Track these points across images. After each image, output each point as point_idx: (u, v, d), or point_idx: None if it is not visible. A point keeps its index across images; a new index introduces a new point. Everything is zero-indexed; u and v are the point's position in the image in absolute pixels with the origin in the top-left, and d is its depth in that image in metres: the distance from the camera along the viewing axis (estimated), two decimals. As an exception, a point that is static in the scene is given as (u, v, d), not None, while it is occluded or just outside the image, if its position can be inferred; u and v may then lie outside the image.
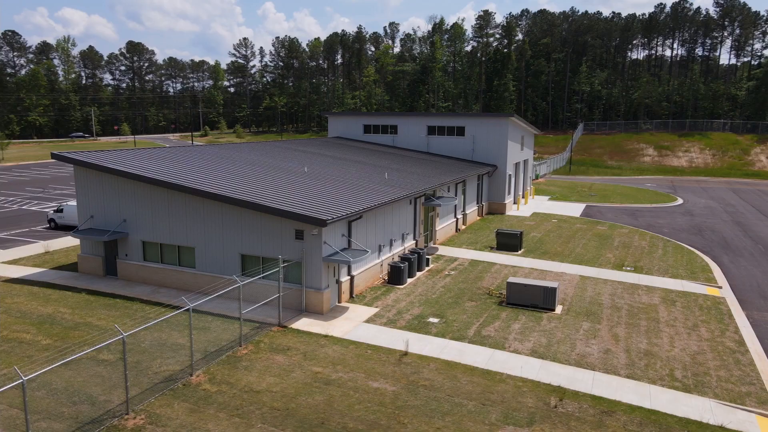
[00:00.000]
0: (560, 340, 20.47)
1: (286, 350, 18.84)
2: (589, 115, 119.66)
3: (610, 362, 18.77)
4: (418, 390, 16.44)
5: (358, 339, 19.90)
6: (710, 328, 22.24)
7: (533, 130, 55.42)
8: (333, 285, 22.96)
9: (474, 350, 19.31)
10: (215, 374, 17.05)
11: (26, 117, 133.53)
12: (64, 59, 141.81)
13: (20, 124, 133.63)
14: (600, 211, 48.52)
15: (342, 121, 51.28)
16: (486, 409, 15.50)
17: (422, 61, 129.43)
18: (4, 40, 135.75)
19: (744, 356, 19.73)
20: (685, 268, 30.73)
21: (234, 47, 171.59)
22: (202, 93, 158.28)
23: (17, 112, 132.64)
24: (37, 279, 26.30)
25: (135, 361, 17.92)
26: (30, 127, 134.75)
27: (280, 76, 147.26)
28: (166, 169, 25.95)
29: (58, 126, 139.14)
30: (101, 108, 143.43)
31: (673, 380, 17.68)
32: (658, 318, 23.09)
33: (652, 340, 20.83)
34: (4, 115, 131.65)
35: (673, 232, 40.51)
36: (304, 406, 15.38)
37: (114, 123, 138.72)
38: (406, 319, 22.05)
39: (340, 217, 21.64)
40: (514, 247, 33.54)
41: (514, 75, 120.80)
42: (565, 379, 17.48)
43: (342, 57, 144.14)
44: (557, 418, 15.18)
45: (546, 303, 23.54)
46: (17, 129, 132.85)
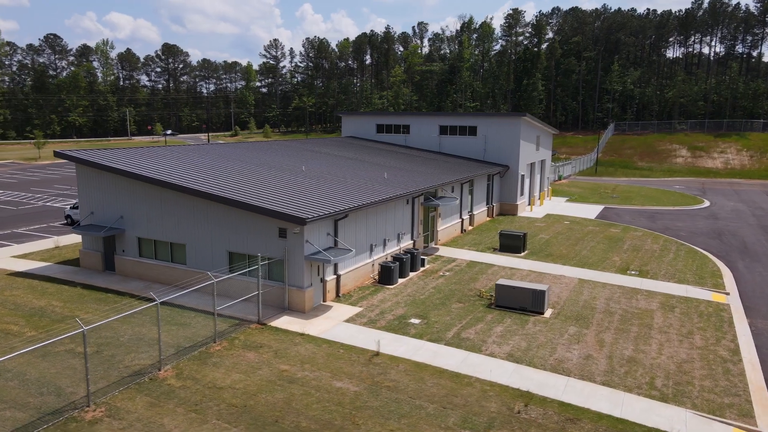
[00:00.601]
0: (541, 344, 19.95)
1: (259, 347, 18.93)
2: (621, 115, 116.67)
3: (588, 368, 18.18)
4: (381, 391, 16.27)
5: (333, 338, 19.84)
6: (706, 335, 21.32)
7: (551, 130, 54.33)
8: (317, 284, 22.97)
9: (449, 352, 19.00)
10: (183, 370, 17.25)
11: (67, 117, 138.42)
12: (103, 61, 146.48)
13: (61, 125, 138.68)
14: (617, 214, 47.18)
15: (355, 121, 51.34)
16: (446, 413, 15.21)
17: (450, 61, 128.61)
18: (46, 43, 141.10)
19: (735, 366, 18.83)
20: (693, 273, 29.57)
21: (264, 48, 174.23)
22: (234, 93, 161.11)
23: (58, 113, 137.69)
24: (39, 273, 27.18)
25: (110, 354, 18.29)
26: (70, 127, 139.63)
27: (309, 76, 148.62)
28: (163, 168, 26.45)
29: (96, 126, 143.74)
30: (137, 108, 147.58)
31: (652, 389, 17.00)
32: (651, 324, 22.27)
33: (639, 346, 20.09)
34: (46, 116, 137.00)
35: (690, 236, 39.05)
36: (263, 403, 15.41)
37: (148, 123, 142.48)
38: (388, 319, 21.87)
39: (321, 216, 21.62)
40: (517, 249, 32.92)
41: (543, 74, 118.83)
42: (536, 384, 17.01)
43: (371, 57, 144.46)
44: (517, 424, 14.77)
45: (535, 306, 22.99)
46: (58, 129, 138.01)
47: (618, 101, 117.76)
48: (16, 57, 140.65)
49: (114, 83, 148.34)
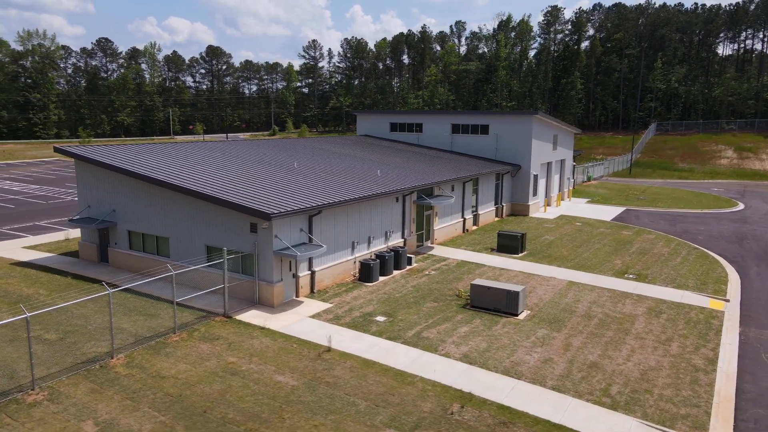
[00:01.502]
0: (503, 346, 19.41)
1: (215, 339, 19.22)
2: (665, 115, 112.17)
3: (542, 372, 17.57)
4: (319, 386, 16.21)
5: (292, 333, 19.92)
6: (685, 343, 20.23)
7: (572, 130, 52.79)
8: (289, 279, 23.11)
9: (402, 351, 18.75)
10: (135, 358, 17.69)
11: (116, 117, 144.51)
12: (150, 64, 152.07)
13: (110, 124, 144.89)
14: (637, 216, 45.39)
15: (370, 120, 51.40)
16: (376, 411, 15.01)
17: (488, 60, 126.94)
18: (98, 47, 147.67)
19: (707, 376, 17.80)
20: (697, 279, 28.12)
21: (304, 49, 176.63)
22: (274, 94, 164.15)
23: (108, 113, 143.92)
24: (40, 263, 28.47)
25: (73, 341, 18.96)
26: (118, 126, 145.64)
27: (346, 77, 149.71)
28: (156, 164, 27.23)
29: (144, 126, 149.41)
30: (181, 109, 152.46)
31: (605, 396, 16.26)
32: (629, 329, 21.32)
33: (607, 352, 19.27)
34: (97, 116, 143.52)
35: (708, 240, 37.16)
36: (198, 394, 15.63)
37: (191, 123, 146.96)
38: (354, 316, 21.78)
39: (289, 212, 21.73)
40: (514, 250, 32.17)
41: (582, 73, 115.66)
42: (481, 386, 16.56)
43: (408, 57, 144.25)
44: (446, 426, 14.42)
45: (509, 307, 22.40)
46: (108, 129, 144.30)
47: (661, 100, 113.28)
48: (71, 60, 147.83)
49: (160, 84, 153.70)
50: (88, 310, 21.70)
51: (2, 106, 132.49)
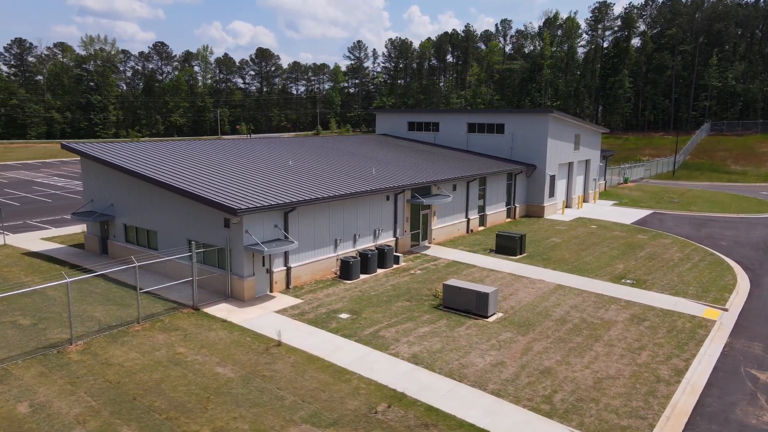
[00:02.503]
0: (458, 347, 18.97)
1: (174, 330, 19.73)
2: (721, 114, 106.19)
3: (488, 375, 17.05)
4: (254, 380, 16.37)
5: (251, 326, 20.19)
6: (657, 352, 19.15)
7: (597, 129, 50.83)
8: (262, 274, 23.43)
9: (352, 348, 18.65)
10: (92, 346, 18.41)
11: (169, 118, 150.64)
12: (202, 66, 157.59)
13: (164, 124, 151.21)
14: (661, 219, 43.23)
15: (388, 119, 51.33)
16: (301, 406, 15.01)
17: (533, 59, 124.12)
18: (154, 50, 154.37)
19: (668, 388, 16.79)
20: (700, 286, 26.54)
21: (349, 50, 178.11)
22: (321, 94, 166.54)
23: (162, 114, 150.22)
24: (47, 253, 30.07)
25: (44, 327, 19.93)
26: (172, 126, 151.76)
27: (391, 77, 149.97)
28: (152, 162, 28.22)
29: (195, 126, 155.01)
30: (231, 109, 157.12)
31: (545, 402, 15.62)
32: (601, 336, 20.38)
33: (568, 358, 18.49)
34: (152, 116, 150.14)
35: (730, 246, 34.96)
36: (136, 382, 16.10)
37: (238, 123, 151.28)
38: (319, 312, 21.83)
39: (258, 208, 22.01)
40: (512, 251, 31.35)
41: (631, 71, 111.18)
42: (419, 386, 16.25)
43: (452, 56, 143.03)
44: (365, 424, 14.25)
45: (479, 309, 21.87)
46: (162, 129, 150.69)
47: (717, 99, 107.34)
48: (130, 63, 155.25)
49: (212, 86, 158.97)
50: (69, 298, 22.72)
51: (66, 107, 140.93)
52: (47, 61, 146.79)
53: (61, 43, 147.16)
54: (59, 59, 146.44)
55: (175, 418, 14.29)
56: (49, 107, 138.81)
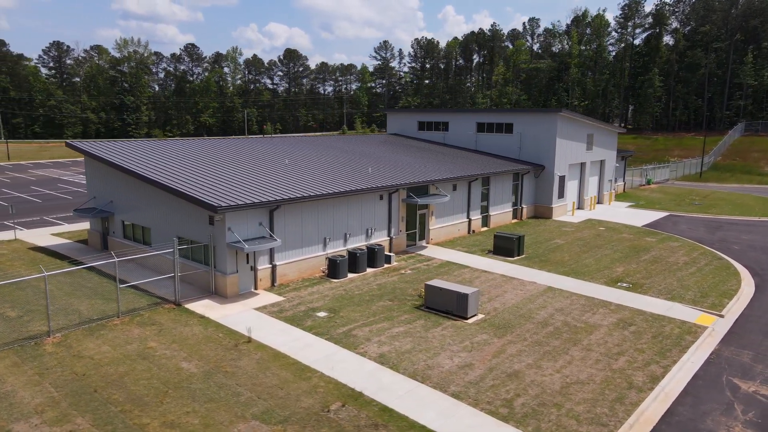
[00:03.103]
0: (428, 348, 18.74)
1: (150, 325, 20.06)
2: (756, 114, 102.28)
3: (452, 377, 16.79)
4: (216, 375, 16.50)
5: (226, 323, 20.37)
6: (636, 358, 18.54)
7: (612, 129, 49.53)
8: (246, 271, 23.62)
9: (321, 346, 18.62)
10: (69, 339, 18.87)
11: (199, 118, 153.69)
12: (232, 67, 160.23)
13: (194, 124, 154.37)
14: (676, 222, 41.89)
15: (399, 119, 51.17)
16: (255, 402, 15.06)
17: (561, 57, 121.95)
18: (185, 52, 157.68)
19: (638, 395, 16.23)
20: (699, 291, 25.60)
21: (375, 50, 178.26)
22: (348, 94, 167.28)
23: (192, 114, 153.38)
24: (52, 248, 30.99)
25: (28, 319, 20.53)
26: (201, 126, 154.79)
27: (417, 77, 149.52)
28: (149, 160, 28.79)
29: (224, 125, 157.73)
30: (259, 110, 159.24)
31: (504, 406, 15.29)
32: (581, 340, 19.85)
33: (540, 361, 18.07)
34: (182, 116, 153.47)
35: (743, 250, 33.65)
36: (101, 374, 16.42)
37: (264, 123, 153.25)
38: (298, 310, 21.88)
39: (240, 206, 22.19)
40: (510, 252, 30.85)
41: (662, 69, 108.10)
42: (378, 386, 16.12)
43: (479, 56, 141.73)
44: (314, 423, 14.20)
45: (459, 310, 21.57)
46: (192, 128, 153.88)
47: (753, 98, 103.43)
48: (162, 65, 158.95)
49: (241, 87, 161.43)
50: (60, 291, 23.38)
51: (101, 108, 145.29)
52: (84, 64, 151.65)
53: (98, 46, 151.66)
54: (95, 61, 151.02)
55: (129, 411, 14.52)
56: (84, 108, 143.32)
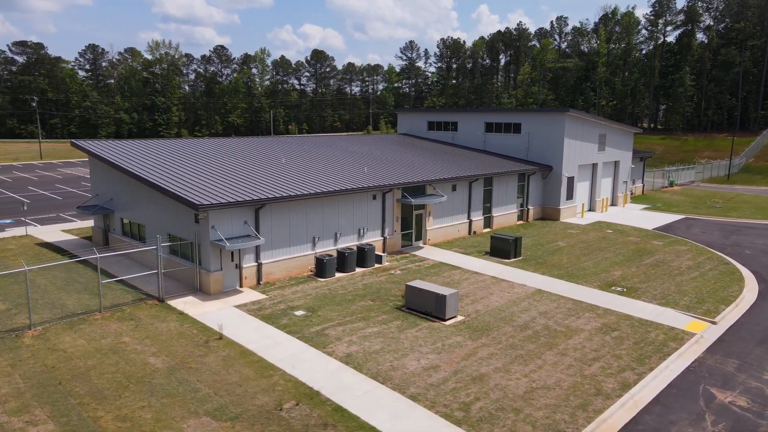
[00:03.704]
0: (398, 349, 18.60)
1: (129, 320, 20.46)
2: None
3: (414, 379, 16.61)
4: (180, 371, 16.72)
5: (203, 320, 20.61)
6: (612, 364, 18.02)
7: (628, 129, 48.24)
8: (231, 269, 23.88)
9: (291, 345, 18.68)
10: (48, 332, 19.39)
11: (227, 118, 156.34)
12: (260, 68, 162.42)
13: (223, 125, 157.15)
14: (689, 225, 40.57)
15: (409, 119, 50.98)
16: (211, 399, 15.20)
17: (589, 56, 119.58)
18: (215, 54, 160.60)
19: (605, 402, 15.77)
20: (696, 296, 24.73)
21: (401, 50, 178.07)
22: (373, 95, 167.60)
23: (221, 114, 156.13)
24: (57, 244, 31.92)
25: (16, 312, 21.16)
26: (230, 126, 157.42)
27: (442, 77, 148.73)
28: (146, 159, 29.39)
29: (252, 126, 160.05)
30: (286, 110, 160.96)
31: (461, 410, 15.05)
32: (557, 344, 19.41)
33: (510, 365, 17.73)
34: (211, 117, 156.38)
35: (754, 255, 32.38)
36: (69, 367, 16.82)
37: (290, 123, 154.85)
38: (278, 309, 22.00)
39: (223, 204, 22.44)
40: (506, 254, 30.39)
41: (693, 68, 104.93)
42: (337, 386, 16.07)
43: (505, 55, 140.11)
44: (263, 421, 14.25)
45: (437, 311, 21.36)
46: (220, 129, 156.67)
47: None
48: (192, 66, 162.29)
49: (268, 87, 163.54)
50: (53, 286, 24.07)
51: (134, 109, 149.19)
52: (118, 66, 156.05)
53: (131, 48, 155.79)
54: (129, 63, 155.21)
55: (87, 404, 14.83)
56: (118, 109, 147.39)
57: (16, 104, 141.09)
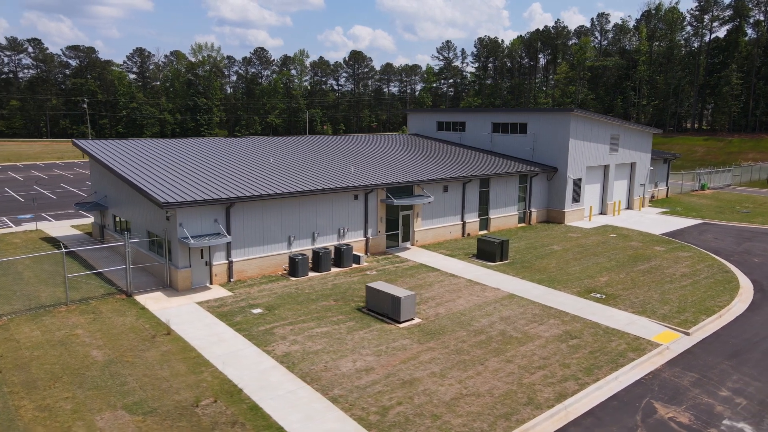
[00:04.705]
0: (337, 350, 18.46)
1: (90, 314, 21.11)
2: None
3: (341, 381, 16.45)
4: (116, 364, 17.12)
5: (160, 315, 21.04)
6: (556, 373, 17.33)
7: (645, 129, 46.26)
8: (200, 266, 24.29)
9: (234, 342, 18.84)
10: (12, 322, 20.22)
11: (266, 119, 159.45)
12: (299, 70, 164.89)
13: (261, 125, 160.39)
14: (703, 231, 38.58)
15: (419, 119, 50.59)
16: (134, 393, 15.49)
17: (630, 54, 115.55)
18: (255, 56, 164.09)
19: (533, 412, 15.20)
20: (679, 306, 23.50)
21: (437, 50, 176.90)
22: (411, 95, 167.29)
23: (260, 115, 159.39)
24: (59, 238, 33.31)
25: (-9, 303, 22.27)
26: (268, 127, 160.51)
27: (478, 77, 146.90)
28: (136, 158, 30.30)
29: (290, 126, 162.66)
30: (324, 110, 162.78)
31: (377, 413, 14.80)
32: (507, 351, 18.82)
33: (448, 371, 17.32)
34: (250, 117, 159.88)
35: (764, 263, 30.59)
36: (15, 357, 17.49)
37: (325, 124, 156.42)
38: (238, 306, 22.23)
39: (188, 202, 22.85)
40: (492, 257, 29.73)
41: (741, 65, 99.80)
42: (261, 384, 16.10)
43: (543, 54, 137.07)
44: (175, 416, 14.41)
45: (393, 313, 21.09)
46: (259, 129, 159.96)
47: None
48: (234, 68, 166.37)
49: (306, 88, 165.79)
50: (36, 279, 25.14)
51: (177, 110, 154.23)
52: (164, 68, 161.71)
53: (176, 51, 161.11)
54: (174, 66, 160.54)
55: (16, 393, 15.39)
56: (162, 110, 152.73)
57: (69, 106, 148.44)
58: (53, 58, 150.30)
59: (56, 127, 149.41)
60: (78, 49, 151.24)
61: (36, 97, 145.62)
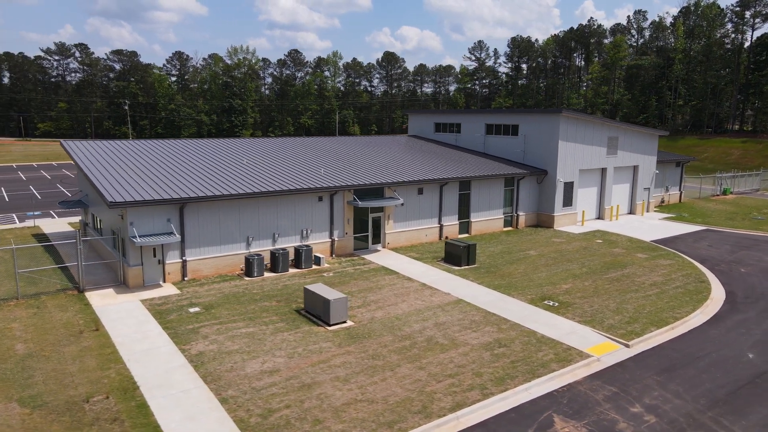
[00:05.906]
0: (252, 351, 18.53)
1: (35, 308, 21.89)
2: None
3: (240, 381, 16.49)
4: (33, 358, 17.70)
5: (98, 312, 21.59)
6: (464, 382, 16.88)
7: (649, 131, 44.34)
8: (153, 264, 24.85)
9: (155, 340, 19.17)
10: (-40, 314, 21.27)
11: (299, 120, 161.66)
12: (332, 71, 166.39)
13: (294, 125, 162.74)
14: (700, 238, 36.73)
15: (419, 120, 50.19)
16: (37, 387, 15.97)
17: (666, 52, 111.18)
18: (289, 58, 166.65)
19: (421, 420, 14.88)
20: (632, 316, 22.50)
21: (469, 50, 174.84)
22: (442, 96, 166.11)
23: (293, 116, 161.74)
24: (48, 234, 34.71)
25: (-48, 295, 23.42)
26: (301, 128, 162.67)
27: (510, 78, 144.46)
28: (110, 159, 31.30)
29: (322, 127, 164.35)
30: (356, 111, 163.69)
31: (259, 416, 14.78)
32: (425, 357, 18.47)
33: (353, 376, 17.13)
34: (283, 118, 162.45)
35: (750, 273, 28.92)
36: (-54, 347, 18.39)
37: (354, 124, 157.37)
38: (177, 305, 22.60)
39: (137, 202, 23.40)
40: (458, 260, 29.22)
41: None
42: (160, 382, 16.32)
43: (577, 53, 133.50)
44: (62, 411, 14.77)
45: (324, 316, 21.02)
46: (292, 129, 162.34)
47: None
48: (269, 70, 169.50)
49: (339, 89, 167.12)
50: (5, 273, 26.30)
51: (213, 111, 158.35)
52: (201, 71, 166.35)
53: (214, 54, 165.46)
54: (211, 68, 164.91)
55: (-72, 382, 16.16)
56: (199, 111, 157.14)
57: (112, 108, 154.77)
58: (99, 62, 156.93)
59: (100, 128, 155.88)
60: (121, 53, 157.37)
61: (82, 100, 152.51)
